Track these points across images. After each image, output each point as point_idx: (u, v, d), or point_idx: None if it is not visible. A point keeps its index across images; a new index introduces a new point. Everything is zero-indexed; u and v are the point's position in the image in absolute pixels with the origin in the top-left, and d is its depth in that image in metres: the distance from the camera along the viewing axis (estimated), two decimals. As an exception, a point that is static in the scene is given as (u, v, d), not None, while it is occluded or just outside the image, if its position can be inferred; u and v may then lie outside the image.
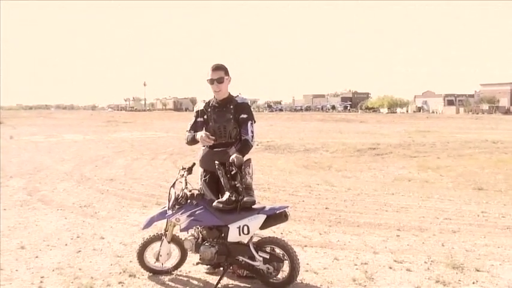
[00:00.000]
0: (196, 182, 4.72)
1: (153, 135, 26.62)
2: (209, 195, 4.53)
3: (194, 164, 4.67)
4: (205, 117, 4.62)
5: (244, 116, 4.51)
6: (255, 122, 4.59)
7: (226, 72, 4.56)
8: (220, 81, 4.50)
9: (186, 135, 4.71)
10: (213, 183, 4.57)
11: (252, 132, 4.51)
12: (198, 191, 4.54)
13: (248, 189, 4.25)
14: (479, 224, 6.89)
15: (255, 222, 4.22)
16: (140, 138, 24.70)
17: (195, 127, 4.67)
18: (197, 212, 4.34)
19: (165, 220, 4.59)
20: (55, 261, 5.24)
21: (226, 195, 4.25)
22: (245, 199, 4.20)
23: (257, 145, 16.87)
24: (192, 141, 4.64)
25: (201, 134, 4.45)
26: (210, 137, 4.42)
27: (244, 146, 4.43)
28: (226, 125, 4.50)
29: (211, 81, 4.52)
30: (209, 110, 4.61)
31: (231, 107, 4.53)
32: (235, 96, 4.63)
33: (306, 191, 9.55)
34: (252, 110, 4.72)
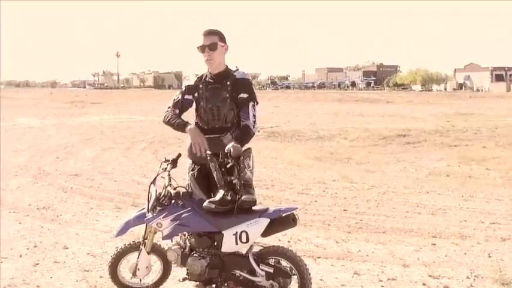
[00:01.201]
0: (182, 177, 4.71)
1: (129, 119, 26.61)
2: (198, 194, 4.52)
3: (180, 154, 4.66)
4: (195, 94, 4.60)
5: (245, 95, 4.50)
6: (257, 103, 4.57)
7: (222, 39, 4.53)
8: (212, 48, 4.48)
9: (166, 112, 4.64)
10: (203, 179, 4.56)
11: (254, 116, 4.49)
12: (185, 188, 4.52)
13: (247, 187, 4.24)
14: (535, 230, 6.91)
15: (255, 227, 4.22)
16: (112, 122, 24.69)
17: (181, 106, 4.63)
18: (184, 215, 4.33)
19: (144, 225, 4.58)
20: (7, 277, 5.25)
21: (220, 193, 4.24)
22: (243, 198, 4.19)
23: (258, 131, 16.83)
24: (177, 125, 4.55)
25: (197, 138, 4.39)
26: (205, 146, 4.37)
27: (245, 134, 4.41)
28: (220, 105, 4.48)
29: (202, 49, 4.50)
30: (201, 86, 4.59)
31: (228, 83, 4.51)
32: (234, 71, 4.60)
33: (319, 189, 9.57)
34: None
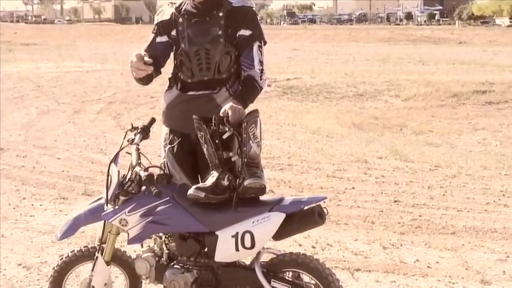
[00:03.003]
0: (157, 153, 4.71)
1: (78, 69, 26.60)
2: (180, 178, 4.54)
3: (153, 120, 4.64)
4: (173, 33, 4.59)
5: (246, 32, 4.49)
6: (265, 43, 4.57)
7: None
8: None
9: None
10: (187, 156, 4.58)
11: (261, 63, 4.49)
12: (161, 169, 4.53)
13: (253, 167, 4.23)
14: None
15: (265, 226, 4.21)
16: (54, 73, 24.69)
17: (154, 51, 4.62)
18: (159, 209, 4.33)
19: (101, 223, 4.59)
20: None
21: (213, 176, 4.23)
22: (247, 183, 4.18)
23: (268, 86, 16.80)
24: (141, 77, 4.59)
25: (134, 55, 4.35)
26: (146, 60, 4.33)
27: (248, 89, 4.41)
28: (210, 48, 4.48)
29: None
30: (181, 20, 4.56)
31: (221, 14, 4.50)
32: (229, -4, 4.58)
33: (359, 171, 9.57)
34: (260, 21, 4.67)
